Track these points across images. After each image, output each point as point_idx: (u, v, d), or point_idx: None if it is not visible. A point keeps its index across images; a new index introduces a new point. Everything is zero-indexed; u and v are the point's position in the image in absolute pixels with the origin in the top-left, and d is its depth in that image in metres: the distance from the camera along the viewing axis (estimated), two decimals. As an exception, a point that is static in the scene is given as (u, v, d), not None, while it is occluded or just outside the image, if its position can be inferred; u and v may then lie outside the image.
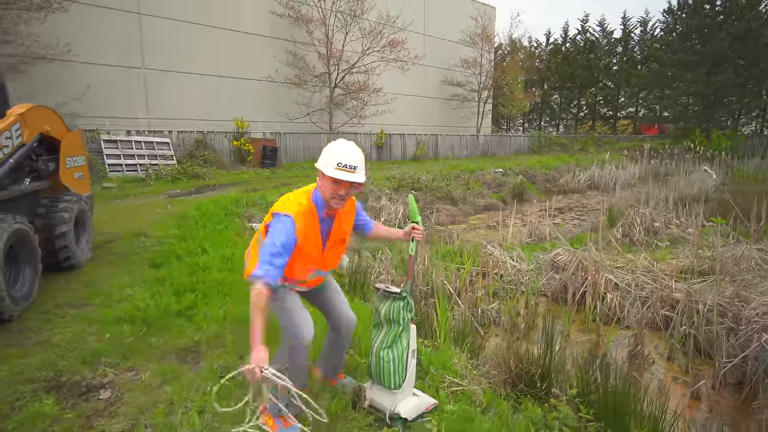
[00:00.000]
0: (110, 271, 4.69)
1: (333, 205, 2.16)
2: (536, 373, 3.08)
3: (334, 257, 2.35)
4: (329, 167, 2.09)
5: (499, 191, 16.37)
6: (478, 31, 26.32)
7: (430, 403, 2.41)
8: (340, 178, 2.07)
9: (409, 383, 2.35)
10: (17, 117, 4.15)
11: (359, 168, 2.15)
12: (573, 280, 6.04)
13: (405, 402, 2.32)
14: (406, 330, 2.34)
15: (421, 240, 2.42)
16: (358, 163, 2.14)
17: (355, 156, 2.13)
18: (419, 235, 2.44)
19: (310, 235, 2.17)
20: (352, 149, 2.15)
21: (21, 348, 3.04)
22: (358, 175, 2.14)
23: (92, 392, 2.55)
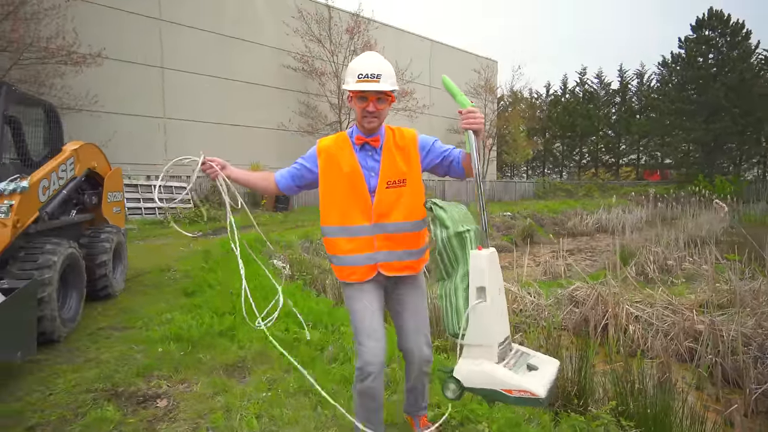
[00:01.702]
0: (145, 300, 4.84)
1: (366, 125, 1.86)
2: (572, 390, 3.14)
3: (392, 207, 1.86)
4: (350, 83, 1.83)
5: (508, 234, 16.56)
6: (481, 83, 27.52)
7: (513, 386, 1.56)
8: (362, 89, 1.79)
9: (478, 334, 1.64)
10: (72, 152, 4.47)
11: (384, 76, 1.82)
12: (594, 314, 6.09)
13: (466, 361, 1.67)
14: (462, 259, 1.71)
15: (479, 127, 1.70)
16: (381, 71, 1.82)
17: (376, 64, 1.83)
18: (470, 121, 1.71)
19: (344, 162, 1.88)
20: (373, 57, 1.87)
21: (73, 365, 3.16)
22: (384, 83, 1.81)
23: (150, 401, 2.65)
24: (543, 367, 1.66)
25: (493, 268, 1.68)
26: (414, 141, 1.94)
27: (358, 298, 1.94)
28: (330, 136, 2.02)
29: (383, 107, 1.87)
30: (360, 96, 1.82)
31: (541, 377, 1.59)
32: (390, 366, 2.99)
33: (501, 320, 1.70)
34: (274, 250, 8.30)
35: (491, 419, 2.35)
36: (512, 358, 1.70)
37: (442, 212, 1.76)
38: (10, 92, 3.77)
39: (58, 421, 2.42)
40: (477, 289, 1.63)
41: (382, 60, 1.87)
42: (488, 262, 1.64)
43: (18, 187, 3.45)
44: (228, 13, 18.00)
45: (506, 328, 1.74)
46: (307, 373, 2.47)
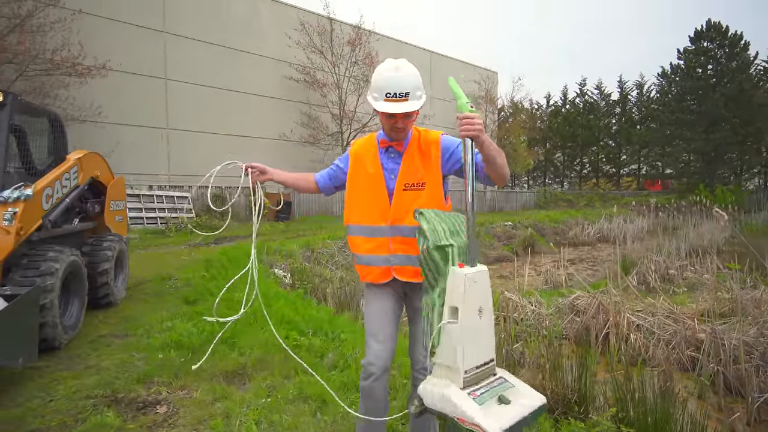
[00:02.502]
0: (146, 308, 4.86)
1: (393, 136, 1.88)
2: (572, 398, 3.14)
3: (409, 209, 1.81)
4: (378, 101, 1.79)
5: (509, 243, 16.55)
6: (482, 93, 27.72)
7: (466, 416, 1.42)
8: (389, 111, 1.77)
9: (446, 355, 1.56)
10: (75, 161, 4.53)
11: (412, 93, 1.79)
12: (595, 323, 6.08)
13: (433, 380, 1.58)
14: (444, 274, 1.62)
15: (476, 134, 1.59)
16: (409, 88, 1.78)
17: (405, 80, 1.77)
18: (467, 128, 1.60)
19: (369, 162, 1.92)
20: (400, 72, 1.79)
21: (74, 371, 3.17)
22: (412, 102, 1.78)
23: (149, 407, 2.65)
24: (516, 403, 1.52)
25: (473, 289, 1.56)
26: (437, 144, 1.91)
27: (372, 301, 1.98)
28: (362, 138, 2.06)
29: (410, 122, 1.88)
30: (389, 114, 1.80)
31: (504, 414, 1.46)
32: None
33: (478, 344, 1.57)
34: (276, 260, 8.32)
35: (490, 425, 2.34)
36: (489, 385, 1.57)
37: (423, 222, 1.69)
38: (16, 102, 3.83)
39: (58, 426, 2.43)
40: (450, 308, 1.55)
41: (409, 72, 1.80)
42: (467, 281, 1.52)
43: (22, 194, 3.49)
44: (231, 26, 18.24)
45: (485, 354, 1.61)
46: (309, 378, 2.49)
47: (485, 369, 1.59)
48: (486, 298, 1.61)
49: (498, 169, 1.72)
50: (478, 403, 1.46)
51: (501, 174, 1.74)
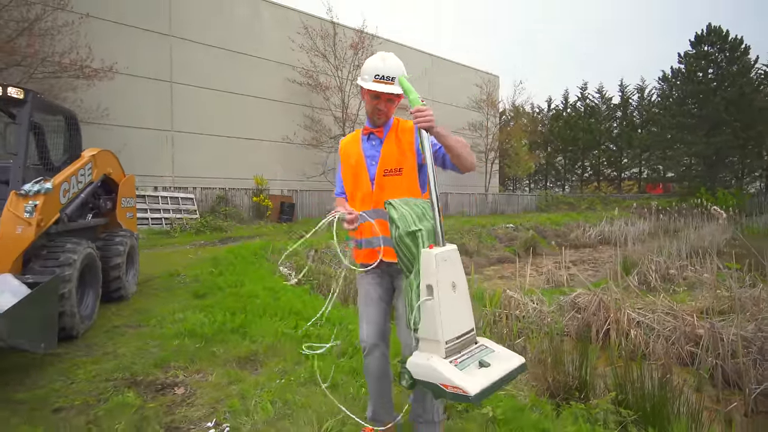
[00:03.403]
0: (156, 301, 4.97)
1: (375, 120, 2.02)
2: (573, 385, 3.24)
3: (389, 194, 1.94)
4: (367, 80, 1.95)
5: (511, 245, 16.64)
6: (483, 97, 27.88)
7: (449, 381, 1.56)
8: (377, 90, 1.92)
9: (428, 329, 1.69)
10: (90, 158, 4.66)
11: (398, 80, 1.95)
12: (596, 319, 6.18)
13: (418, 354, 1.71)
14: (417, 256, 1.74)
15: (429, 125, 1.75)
16: (395, 74, 1.94)
17: (392, 67, 1.95)
18: (420, 119, 1.76)
19: (352, 153, 2.07)
20: (389, 60, 1.97)
21: (92, 357, 3.28)
22: (397, 87, 1.94)
23: (167, 389, 2.77)
24: (496, 365, 1.66)
25: (445, 266, 1.69)
26: (411, 131, 2.03)
27: (362, 285, 2.14)
28: (348, 135, 2.23)
29: (392, 107, 2.04)
30: (373, 94, 1.97)
31: (483, 376, 1.60)
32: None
33: (455, 316, 1.71)
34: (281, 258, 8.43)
35: (496, 405, 2.45)
36: (470, 353, 1.71)
37: (393, 211, 1.81)
38: (36, 99, 3.96)
39: (81, 405, 2.55)
40: (426, 286, 1.68)
41: (396, 62, 1.98)
42: (438, 260, 1.66)
43: (42, 188, 3.62)
44: (235, 30, 18.45)
45: (464, 325, 1.73)
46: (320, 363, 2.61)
47: (466, 338, 1.73)
48: (458, 274, 1.74)
49: (459, 156, 1.86)
50: (460, 368, 1.61)
51: (464, 162, 1.88)
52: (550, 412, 2.69)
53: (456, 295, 1.70)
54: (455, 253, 1.77)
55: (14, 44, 11.13)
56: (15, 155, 3.77)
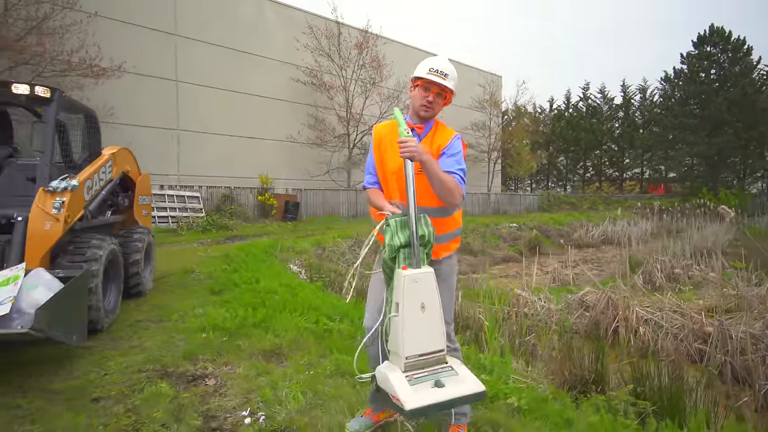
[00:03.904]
0: (174, 297, 5.05)
1: (422, 113, 2.11)
2: (590, 378, 3.32)
3: (420, 191, 1.96)
4: (422, 71, 2.09)
5: (515, 244, 16.72)
6: (486, 97, 27.95)
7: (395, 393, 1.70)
8: (430, 78, 2.05)
9: (393, 342, 1.83)
10: (110, 156, 4.75)
11: (450, 77, 2.09)
12: (604, 317, 6.26)
13: (386, 363, 1.86)
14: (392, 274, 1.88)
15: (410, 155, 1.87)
16: (449, 72, 2.10)
17: (447, 65, 2.11)
18: (403, 150, 1.88)
19: (388, 147, 2.12)
20: (445, 60, 2.14)
21: (120, 350, 3.36)
22: (448, 82, 2.08)
23: (198, 380, 2.85)
24: (450, 387, 1.72)
25: (414, 287, 1.80)
26: (446, 141, 2.11)
27: (374, 275, 2.22)
28: (382, 124, 2.25)
29: (440, 102, 2.14)
30: (425, 86, 2.08)
31: (429, 395, 1.69)
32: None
33: (420, 335, 1.80)
34: (290, 256, 8.52)
35: (520, 396, 2.53)
36: (432, 371, 1.79)
37: (388, 234, 1.91)
38: (61, 98, 4.04)
39: (117, 395, 2.63)
40: (395, 303, 1.81)
41: (452, 65, 2.14)
42: (407, 281, 1.78)
43: (69, 185, 3.69)
44: (240, 29, 18.52)
45: (430, 345, 1.81)
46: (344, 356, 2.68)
47: (431, 357, 1.81)
48: (429, 296, 1.83)
49: (437, 188, 1.94)
50: (411, 384, 1.71)
51: (441, 194, 1.96)
52: (570, 403, 2.77)
53: (424, 316, 1.80)
54: (429, 276, 1.85)
55: (23, 43, 11.20)
56: (42, 153, 3.85)
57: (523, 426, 2.32)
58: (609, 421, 2.31)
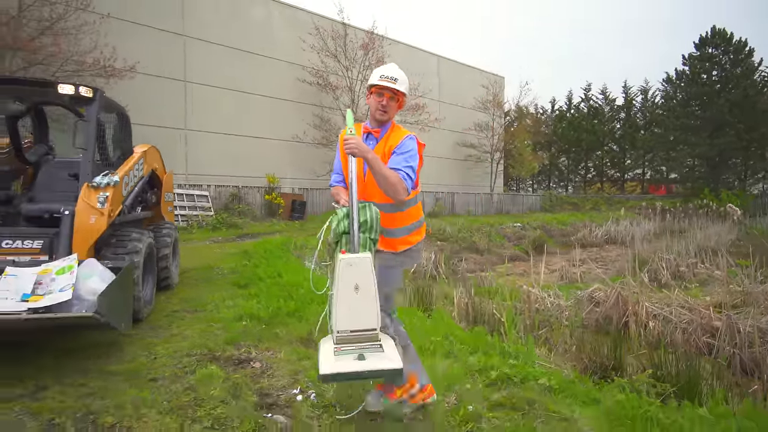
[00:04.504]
0: (201, 291, 5.23)
1: (378, 116, 2.29)
2: (609, 365, 3.50)
3: (375, 188, 2.19)
4: (375, 78, 2.31)
5: (519, 243, 16.90)
6: (489, 98, 28.15)
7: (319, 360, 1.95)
8: (383, 84, 2.25)
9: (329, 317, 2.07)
10: (142, 153, 4.92)
11: (400, 81, 2.28)
12: (614, 311, 6.43)
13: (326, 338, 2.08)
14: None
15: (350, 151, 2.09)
16: (398, 77, 2.29)
17: (397, 71, 2.32)
18: (345, 147, 2.11)
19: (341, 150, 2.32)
20: (394, 66, 2.36)
21: (163, 338, 3.54)
22: (398, 85, 2.27)
23: (245, 363, 3.03)
24: (370, 361, 1.91)
25: (349, 270, 1.99)
26: (398, 141, 2.29)
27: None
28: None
29: (393, 105, 2.32)
30: (378, 92, 2.27)
31: (346, 365, 1.89)
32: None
33: (352, 313, 1.99)
34: (304, 253, 8.70)
35: (550, 377, 2.71)
36: (360, 346, 1.97)
37: (334, 222, 2.16)
38: (101, 98, 4.22)
39: (172, 376, 2.80)
40: (332, 283, 2.03)
41: (401, 71, 2.34)
42: (342, 264, 1.99)
43: (111, 181, 3.87)
44: (248, 30, 18.71)
45: (361, 323, 1.99)
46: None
47: (362, 335, 2.00)
48: (364, 279, 1.99)
49: (381, 184, 2.13)
50: (336, 354, 1.93)
51: (385, 189, 2.14)
52: (593, 385, 2.95)
53: (357, 296, 1.98)
54: (365, 260, 2.03)
55: (36, 43, 11.37)
56: (84, 150, 4.03)
57: (556, 403, 2.50)
58: (634, 398, 2.49)
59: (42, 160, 4.76)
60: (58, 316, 2.66)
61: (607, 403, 2.47)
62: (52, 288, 2.94)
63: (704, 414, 2.31)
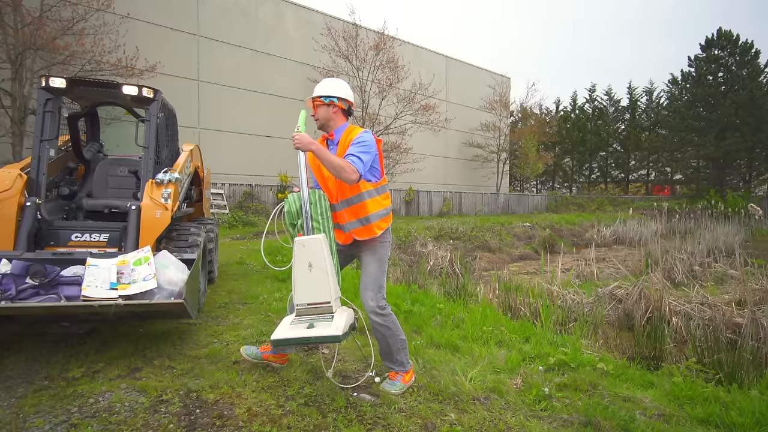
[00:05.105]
0: (242, 284, 5.41)
1: (317, 126, 2.62)
2: (650, 354, 3.68)
3: (344, 186, 2.49)
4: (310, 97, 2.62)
5: (529, 243, 17.08)
6: (496, 98, 28.33)
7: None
8: (312, 97, 2.60)
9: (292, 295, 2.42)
10: (189, 152, 5.11)
11: (319, 89, 2.56)
12: (637, 307, 6.62)
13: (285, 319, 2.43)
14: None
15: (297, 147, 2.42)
16: (321, 87, 2.57)
17: (321, 84, 2.59)
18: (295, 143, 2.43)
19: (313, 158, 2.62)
20: (322, 83, 2.60)
21: (225, 326, 3.72)
22: (322, 91, 2.55)
23: (313, 350, 3.21)
24: (318, 329, 2.19)
25: (302, 250, 2.31)
26: (354, 137, 2.52)
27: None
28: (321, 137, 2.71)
29: (322, 117, 2.60)
30: (314, 104, 2.61)
31: (294, 332, 2.20)
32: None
33: (308, 288, 2.29)
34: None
35: (607, 362, 2.90)
36: (315, 317, 2.27)
37: (286, 205, 2.54)
38: (160, 98, 4.41)
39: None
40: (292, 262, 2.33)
41: (329, 80, 2.60)
42: (296, 245, 2.32)
43: (172, 177, 4.06)
44: (260, 30, 18.92)
45: (316, 297, 2.28)
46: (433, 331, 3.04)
47: (318, 307, 2.29)
48: (316, 257, 2.29)
49: (330, 169, 2.38)
50: (292, 323, 2.27)
51: (334, 173, 2.38)
52: (636, 372, 3.14)
53: (311, 273, 2.28)
54: (317, 241, 2.33)
55: (60, 42, 11.57)
56: (146, 148, 4.22)
57: (615, 386, 2.68)
58: (689, 382, 2.67)
59: (95, 157, 4.96)
60: (153, 302, 2.84)
61: (665, 386, 2.66)
62: (134, 277, 3.13)
63: (756, 395, 2.50)
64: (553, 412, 2.36)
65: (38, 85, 3.96)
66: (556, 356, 3.03)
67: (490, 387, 2.63)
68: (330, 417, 2.24)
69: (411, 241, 12.66)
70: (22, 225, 3.59)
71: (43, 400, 2.33)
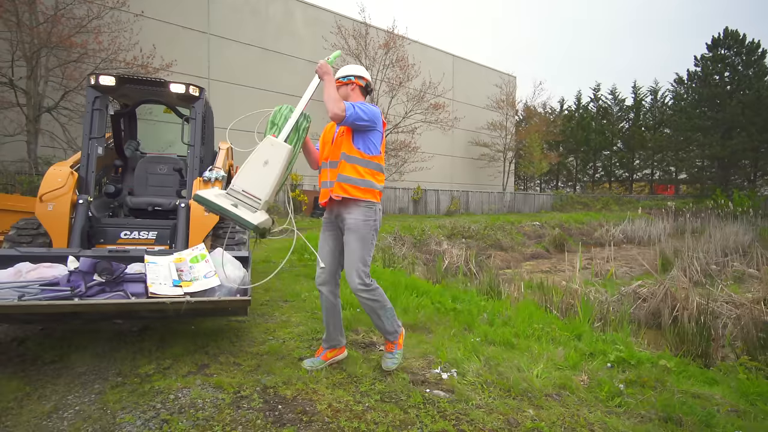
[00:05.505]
0: (276, 282, 5.43)
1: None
2: (697, 352, 3.71)
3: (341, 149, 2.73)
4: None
5: (539, 242, 17.11)
6: (502, 97, 28.33)
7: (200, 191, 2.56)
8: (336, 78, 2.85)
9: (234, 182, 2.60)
10: (227, 151, 5.13)
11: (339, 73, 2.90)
12: (664, 306, 6.65)
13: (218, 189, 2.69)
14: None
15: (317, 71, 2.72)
16: (338, 75, 2.89)
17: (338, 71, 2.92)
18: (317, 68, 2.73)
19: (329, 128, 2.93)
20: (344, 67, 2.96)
21: (275, 323, 3.74)
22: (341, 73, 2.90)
23: (371, 347, 3.23)
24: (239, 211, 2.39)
25: (265, 148, 2.53)
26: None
27: (321, 234, 2.93)
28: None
29: (340, 92, 2.79)
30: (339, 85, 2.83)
31: (220, 200, 2.40)
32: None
33: (253, 179, 2.48)
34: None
35: (669, 359, 2.92)
36: (243, 203, 2.46)
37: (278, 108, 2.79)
38: (204, 96, 4.43)
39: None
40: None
41: (344, 67, 2.90)
42: (266, 142, 2.55)
43: (219, 175, 4.08)
44: (270, 29, 18.92)
45: (256, 190, 2.47)
46: (486, 328, 3.06)
47: (249, 198, 2.48)
48: (273, 159, 2.51)
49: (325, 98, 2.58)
50: (218, 194, 2.48)
51: (326, 104, 2.56)
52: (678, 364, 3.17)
53: (262, 169, 2.50)
54: (284, 148, 2.57)
55: (76, 40, 11.58)
56: (192, 146, 4.24)
57: (679, 382, 2.71)
58: (753, 379, 2.70)
59: (133, 155, 4.98)
60: (221, 299, 2.87)
61: (730, 383, 2.68)
62: (195, 275, 3.15)
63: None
64: (628, 408, 2.39)
65: (86, 83, 3.98)
66: (614, 353, 3.06)
67: (559, 383, 2.65)
68: (411, 413, 2.26)
69: (425, 239, 12.69)
70: (75, 222, 3.61)
71: (123, 396, 2.35)
